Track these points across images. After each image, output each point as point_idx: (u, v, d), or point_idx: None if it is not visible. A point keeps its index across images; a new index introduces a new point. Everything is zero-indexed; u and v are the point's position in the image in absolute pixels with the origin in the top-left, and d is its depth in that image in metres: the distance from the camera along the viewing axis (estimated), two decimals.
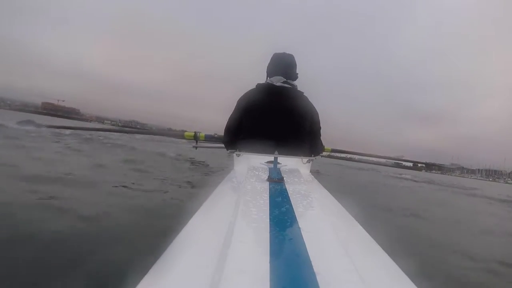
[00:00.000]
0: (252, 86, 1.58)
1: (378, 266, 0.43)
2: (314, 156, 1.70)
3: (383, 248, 0.48)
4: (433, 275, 1.07)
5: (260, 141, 1.37)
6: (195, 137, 3.15)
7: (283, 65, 1.58)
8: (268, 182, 0.75)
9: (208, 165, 3.59)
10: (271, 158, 0.92)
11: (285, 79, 1.54)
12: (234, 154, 1.20)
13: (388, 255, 0.46)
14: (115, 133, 5.37)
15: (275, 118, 1.47)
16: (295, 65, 1.62)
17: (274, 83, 1.52)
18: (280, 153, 0.99)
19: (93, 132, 4.91)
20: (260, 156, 1.05)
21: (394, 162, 5.87)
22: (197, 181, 2.37)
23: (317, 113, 1.59)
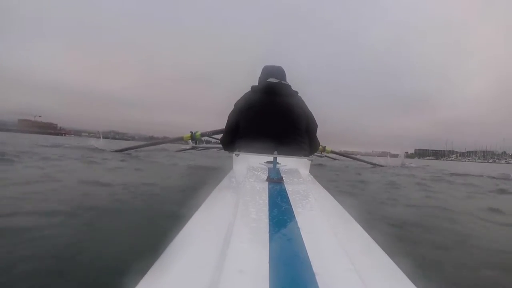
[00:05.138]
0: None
1: (377, 266, 0.43)
2: (311, 154, 1.73)
3: (383, 248, 0.48)
4: None
5: (260, 141, 1.38)
6: (192, 137, 3.22)
7: (275, 72, 1.64)
8: (267, 182, 0.76)
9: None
10: (271, 158, 0.92)
11: (279, 81, 1.58)
12: (233, 154, 1.21)
13: (388, 255, 0.46)
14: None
15: (274, 117, 1.49)
16: (285, 75, 1.69)
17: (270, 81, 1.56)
18: (280, 153, 1.00)
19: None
20: (260, 156, 1.06)
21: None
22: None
23: (311, 113, 1.64)
